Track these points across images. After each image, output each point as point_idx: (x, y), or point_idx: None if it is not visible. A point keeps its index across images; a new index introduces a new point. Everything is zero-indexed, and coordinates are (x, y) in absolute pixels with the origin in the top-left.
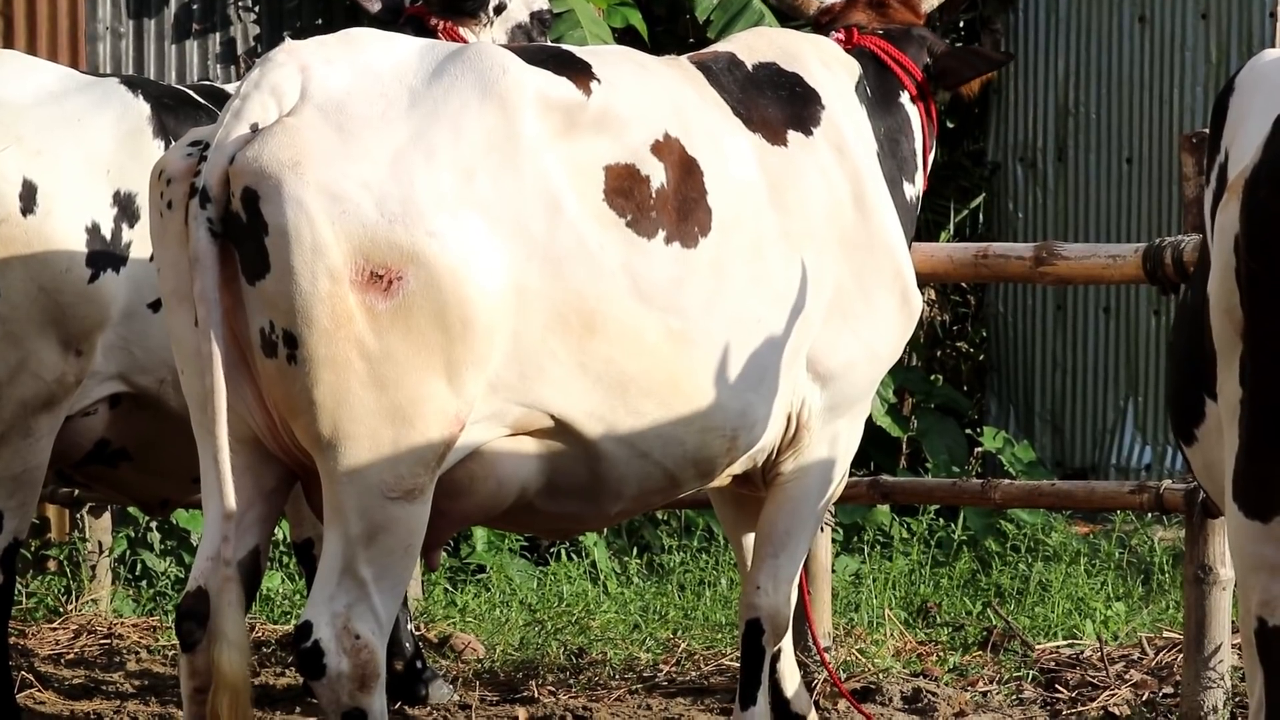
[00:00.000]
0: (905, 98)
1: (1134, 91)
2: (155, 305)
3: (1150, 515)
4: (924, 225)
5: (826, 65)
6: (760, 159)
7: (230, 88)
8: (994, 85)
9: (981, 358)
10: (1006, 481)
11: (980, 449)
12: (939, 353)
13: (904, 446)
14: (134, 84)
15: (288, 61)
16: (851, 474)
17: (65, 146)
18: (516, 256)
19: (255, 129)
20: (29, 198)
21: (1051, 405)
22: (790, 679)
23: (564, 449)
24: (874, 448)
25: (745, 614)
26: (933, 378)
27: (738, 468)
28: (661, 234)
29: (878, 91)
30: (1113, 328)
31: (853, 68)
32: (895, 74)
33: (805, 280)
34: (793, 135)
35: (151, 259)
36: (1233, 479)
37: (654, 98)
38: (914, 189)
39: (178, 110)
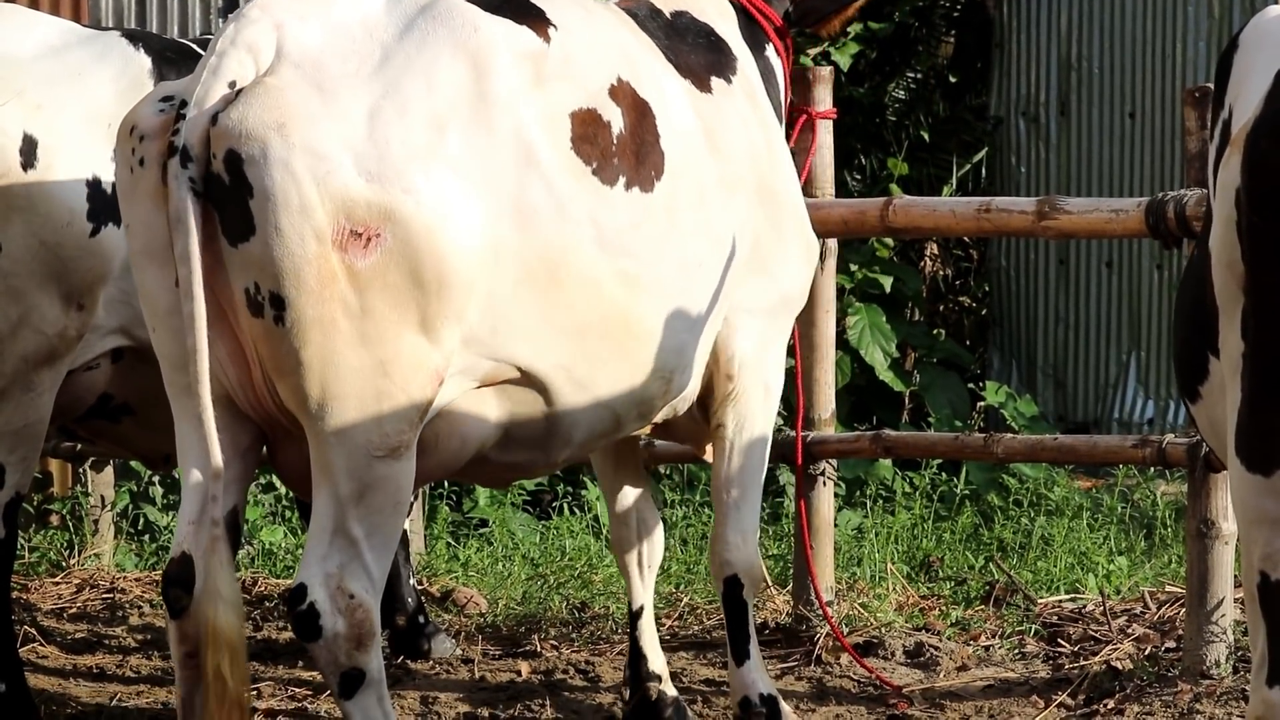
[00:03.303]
0: (770, 49)
1: (1136, 46)
2: None
3: (1153, 470)
4: (926, 179)
5: (723, 16)
6: (694, 105)
7: None
8: (996, 39)
9: (984, 312)
10: (1009, 436)
11: (982, 403)
12: (941, 307)
13: (906, 401)
14: (135, 37)
15: (261, 18)
16: (854, 428)
17: (66, 100)
18: (490, 213)
19: (233, 87)
20: (29, 152)
21: (1054, 360)
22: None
23: (525, 399)
24: (876, 402)
25: (721, 573)
26: (935, 332)
27: (660, 416)
28: (622, 179)
29: (750, 43)
30: (1115, 282)
31: (733, 18)
32: (762, 26)
33: (740, 226)
34: (716, 82)
35: None
36: (1234, 433)
37: (604, 42)
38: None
39: (179, 63)
